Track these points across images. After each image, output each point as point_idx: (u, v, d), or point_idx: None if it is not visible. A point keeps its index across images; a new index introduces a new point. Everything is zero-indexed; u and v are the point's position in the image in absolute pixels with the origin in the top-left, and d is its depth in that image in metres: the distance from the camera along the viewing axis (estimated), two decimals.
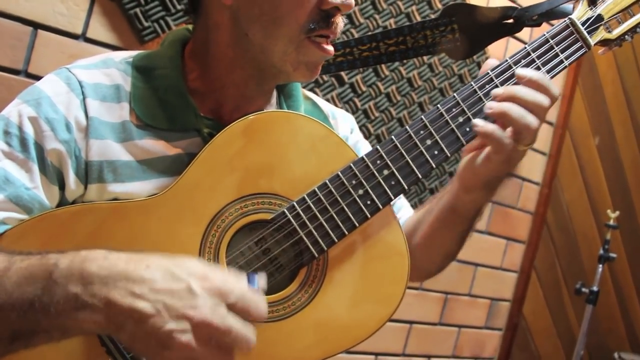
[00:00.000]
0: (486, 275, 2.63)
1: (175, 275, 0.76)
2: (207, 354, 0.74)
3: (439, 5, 2.11)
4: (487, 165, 1.00)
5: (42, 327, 0.76)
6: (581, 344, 2.49)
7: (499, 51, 2.36)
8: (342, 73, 1.92)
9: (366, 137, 2.00)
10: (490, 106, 0.96)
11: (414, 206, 1.66)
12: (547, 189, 2.75)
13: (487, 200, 1.09)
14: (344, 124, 1.24)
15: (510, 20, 1.15)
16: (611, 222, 2.55)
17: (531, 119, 0.96)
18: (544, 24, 1.14)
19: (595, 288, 2.50)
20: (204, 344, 0.74)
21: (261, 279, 0.85)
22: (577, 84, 2.75)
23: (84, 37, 1.49)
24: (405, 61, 2.09)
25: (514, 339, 2.79)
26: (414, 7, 2.05)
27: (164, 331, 0.73)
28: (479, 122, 0.97)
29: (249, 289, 0.79)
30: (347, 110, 1.95)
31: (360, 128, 1.98)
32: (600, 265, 2.53)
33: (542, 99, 0.97)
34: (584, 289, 2.53)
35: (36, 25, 1.42)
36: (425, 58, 2.14)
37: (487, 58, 2.23)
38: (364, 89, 1.99)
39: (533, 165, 2.71)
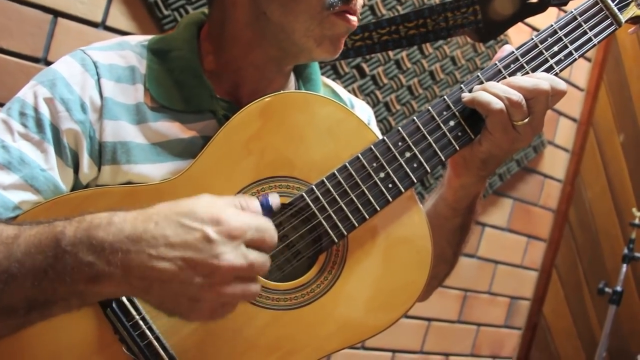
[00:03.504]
0: (506, 273, 2.59)
1: (187, 226, 0.74)
2: (236, 292, 0.75)
3: None
4: (487, 138, 0.97)
5: (59, 295, 0.74)
6: (603, 345, 2.45)
7: (523, 35, 2.32)
8: (364, 65, 1.90)
9: (387, 130, 1.97)
10: (475, 87, 0.97)
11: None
12: (569, 187, 2.71)
13: (477, 190, 1.07)
14: (362, 114, 1.22)
15: (534, 0, 1.12)
16: (636, 221, 2.51)
17: (511, 91, 0.94)
18: (570, 3, 1.11)
19: (619, 288, 2.46)
20: (231, 285, 0.74)
21: (274, 199, 0.84)
22: (602, 79, 2.70)
23: (103, 26, 1.48)
24: (427, 54, 2.06)
25: (533, 339, 2.75)
26: None
27: (192, 287, 0.72)
28: (465, 94, 0.96)
29: (260, 215, 0.80)
30: (368, 103, 1.92)
31: (381, 121, 1.96)
32: (625, 265, 2.49)
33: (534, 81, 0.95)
34: (607, 289, 2.49)
35: (56, 13, 1.42)
36: (447, 51, 2.12)
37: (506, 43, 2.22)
38: (385, 81, 1.97)
39: (555, 162, 2.67)
